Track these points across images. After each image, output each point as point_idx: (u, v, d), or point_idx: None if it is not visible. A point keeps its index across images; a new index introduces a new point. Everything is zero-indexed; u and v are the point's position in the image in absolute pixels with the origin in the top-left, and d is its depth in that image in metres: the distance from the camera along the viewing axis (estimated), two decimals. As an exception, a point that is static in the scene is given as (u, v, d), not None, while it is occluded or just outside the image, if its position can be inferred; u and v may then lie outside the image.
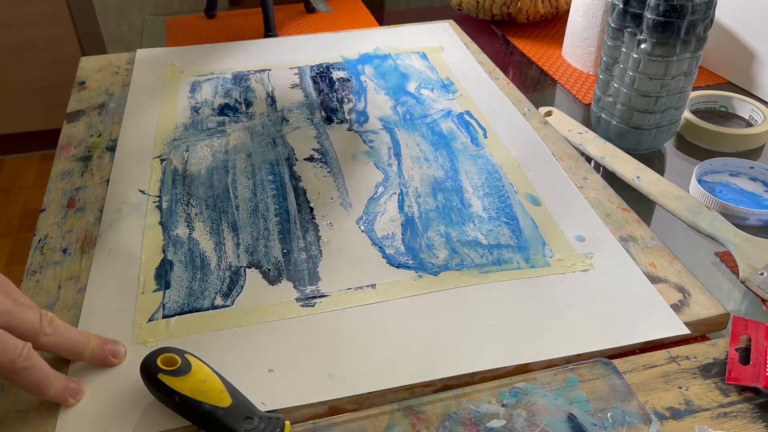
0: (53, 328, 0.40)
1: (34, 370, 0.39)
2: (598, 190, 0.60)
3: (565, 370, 0.43)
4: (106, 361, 0.43)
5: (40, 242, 0.55)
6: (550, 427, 0.39)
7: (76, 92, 0.77)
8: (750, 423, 0.40)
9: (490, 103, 0.73)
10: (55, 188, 0.61)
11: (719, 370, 0.43)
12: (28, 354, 0.38)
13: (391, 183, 0.61)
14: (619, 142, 0.69)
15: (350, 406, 0.42)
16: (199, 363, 0.40)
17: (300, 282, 0.50)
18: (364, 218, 0.57)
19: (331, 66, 0.82)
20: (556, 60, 0.90)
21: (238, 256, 0.53)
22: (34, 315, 0.40)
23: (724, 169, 0.65)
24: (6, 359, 0.37)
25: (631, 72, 0.64)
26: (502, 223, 0.56)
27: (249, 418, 0.38)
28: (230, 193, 0.60)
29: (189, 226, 0.56)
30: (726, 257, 0.55)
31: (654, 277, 0.50)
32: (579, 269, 0.51)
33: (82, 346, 0.42)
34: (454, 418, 0.40)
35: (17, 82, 2.01)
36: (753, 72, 0.79)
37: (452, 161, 0.64)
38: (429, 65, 0.82)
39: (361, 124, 0.70)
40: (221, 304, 0.48)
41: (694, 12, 0.59)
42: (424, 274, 0.51)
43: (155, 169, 0.63)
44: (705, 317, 0.47)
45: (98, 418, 0.40)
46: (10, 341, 0.38)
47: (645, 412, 0.40)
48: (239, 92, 0.76)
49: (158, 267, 0.52)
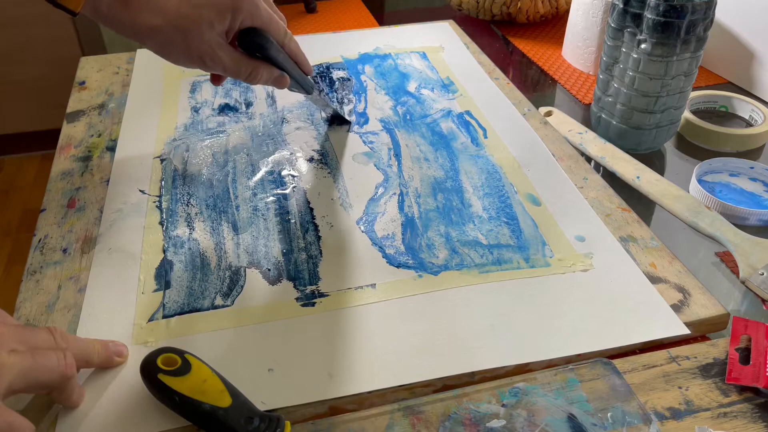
0: (66, 340, 0.40)
1: (76, 376, 0.40)
2: (598, 190, 0.60)
3: (565, 370, 0.43)
4: (112, 363, 0.43)
5: (40, 242, 0.55)
6: (550, 427, 0.39)
7: (76, 92, 0.77)
8: (750, 423, 0.40)
9: (490, 103, 0.73)
10: (55, 188, 0.61)
11: (719, 370, 0.43)
12: (69, 362, 0.39)
13: (391, 183, 0.61)
14: (619, 142, 0.69)
15: (350, 406, 0.42)
16: (199, 363, 0.40)
17: (300, 282, 0.50)
18: (364, 219, 0.57)
19: (331, 66, 0.82)
20: (556, 60, 0.90)
21: (238, 256, 0.53)
22: (46, 333, 0.40)
23: (724, 169, 0.65)
24: (56, 376, 0.38)
25: (631, 72, 0.64)
26: (502, 223, 0.56)
27: (249, 418, 0.38)
28: (230, 193, 0.60)
29: (189, 226, 0.56)
30: (726, 257, 0.55)
31: (654, 278, 0.50)
32: (579, 269, 0.51)
33: (90, 352, 0.42)
34: (454, 418, 0.40)
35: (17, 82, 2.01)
36: (753, 72, 0.79)
37: (452, 161, 0.64)
38: (429, 65, 0.82)
39: (361, 126, 0.70)
40: (221, 303, 0.48)
41: (694, 12, 0.59)
42: (424, 274, 0.51)
43: (155, 169, 0.63)
44: (705, 317, 0.47)
45: (98, 418, 0.40)
46: (52, 356, 0.38)
47: (645, 412, 0.40)
48: (239, 92, 0.76)
49: (158, 267, 0.52)
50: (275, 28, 0.54)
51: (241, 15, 0.52)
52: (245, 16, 0.52)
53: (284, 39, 0.55)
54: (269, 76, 0.56)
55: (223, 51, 0.53)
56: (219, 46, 0.52)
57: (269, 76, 0.56)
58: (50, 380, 0.38)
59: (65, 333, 0.41)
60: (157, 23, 0.50)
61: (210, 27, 0.51)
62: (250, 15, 0.52)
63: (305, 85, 0.61)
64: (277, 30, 0.54)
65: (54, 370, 0.38)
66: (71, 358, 0.39)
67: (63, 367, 0.38)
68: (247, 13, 0.52)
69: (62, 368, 0.38)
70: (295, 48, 0.57)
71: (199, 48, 0.52)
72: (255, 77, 0.55)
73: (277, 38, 0.55)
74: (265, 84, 0.58)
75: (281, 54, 0.55)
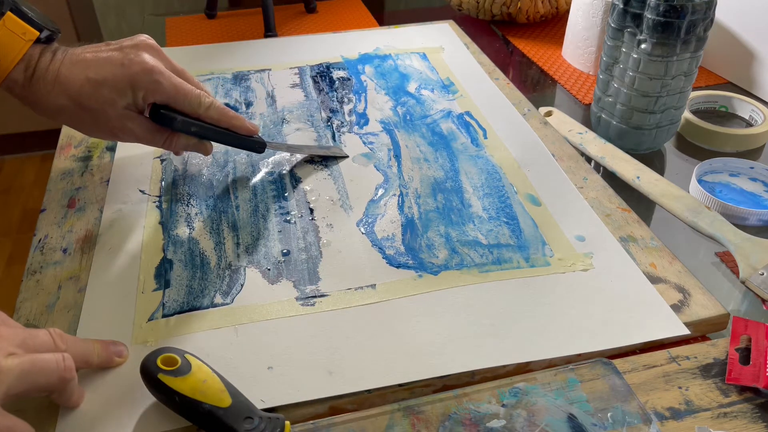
0: (65, 342, 0.40)
1: (75, 378, 0.40)
2: (598, 190, 0.60)
3: (565, 370, 0.43)
4: (112, 363, 0.43)
5: (40, 242, 0.55)
6: (550, 427, 0.39)
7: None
8: (750, 423, 0.40)
9: (490, 104, 0.73)
10: (55, 188, 0.61)
11: (719, 370, 0.43)
12: (68, 364, 0.38)
13: (391, 185, 0.61)
14: (619, 142, 0.69)
15: (350, 406, 0.42)
16: (199, 363, 0.40)
17: (300, 282, 0.50)
18: (364, 220, 0.57)
19: (331, 66, 0.82)
20: (556, 60, 0.90)
21: (237, 256, 0.53)
22: (45, 335, 0.39)
23: (724, 169, 0.65)
24: (55, 378, 0.38)
25: (631, 72, 0.64)
26: (502, 223, 0.56)
27: (249, 418, 0.38)
28: (230, 193, 0.60)
29: (189, 226, 0.56)
30: (726, 257, 0.55)
31: (654, 277, 0.50)
32: (579, 269, 0.51)
33: (90, 353, 0.42)
34: (454, 418, 0.40)
35: (17, 82, 2.01)
36: (753, 72, 0.79)
37: (452, 162, 0.64)
38: (429, 65, 0.82)
39: (361, 126, 0.70)
40: (221, 302, 0.48)
41: (694, 12, 0.59)
42: (424, 274, 0.51)
43: (155, 169, 0.63)
44: (705, 317, 0.47)
45: (98, 418, 0.40)
46: (50, 359, 0.38)
47: (645, 412, 0.40)
48: (239, 92, 0.76)
49: (158, 266, 0.52)
50: (183, 101, 0.53)
51: (141, 91, 0.52)
52: (146, 92, 0.52)
53: (199, 110, 0.54)
54: (187, 143, 0.57)
55: (134, 123, 0.54)
56: (129, 119, 0.54)
57: (187, 143, 0.57)
58: (49, 383, 0.38)
59: (64, 334, 0.41)
60: (63, 103, 0.52)
61: (112, 105, 0.52)
62: (151, 91, 0.52)
63: (248, 145, 0.59)
64: (186, 102, 0.54)
65: (53, 374, 0.37)
66: (70, 361, 0.39)
67: (62, 370, 0.38)
68: (146, 89, 0.52)
69: (61, 371, 0.38)
70: (216, 115, 0.55)
71: (108, 123, 0.53)
72: (170, 146, 0.57)
73: (188, 110, 0.54)
74: (186, 150, 0.59)
75: (194, 125, 0.55)
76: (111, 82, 0.51)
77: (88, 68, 0.52)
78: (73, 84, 0.51)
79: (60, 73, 0.51)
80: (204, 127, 0.56)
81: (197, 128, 0.55)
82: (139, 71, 0.52)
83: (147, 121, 0.55)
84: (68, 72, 0.51)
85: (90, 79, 0.51)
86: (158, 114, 0.54)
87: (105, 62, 0.52)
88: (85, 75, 0.51)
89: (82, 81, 0.51)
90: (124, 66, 0.52)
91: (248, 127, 0.58)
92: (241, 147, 0.59)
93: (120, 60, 0.52)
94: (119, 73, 0.51)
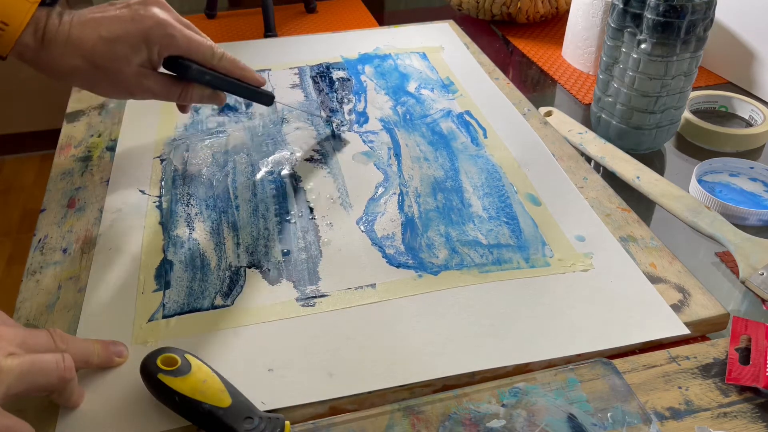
0: (65, 342, 0.40)
1: (75, 378, 0.40)
2: (598, 190, 0.60)
3: (565, 370, 0.43)
4: (112, 363, 0.43)
5: (40, 242, 0.55)
6: (550, 427, 0.39)
7: (76, 92, 0.77)
8: (750, 423, 0.40)
9: (490, 103, 0.73)
10: (55, 188, 0.61)
11: (719, 370, 0.43)
12: (68, 364, 0.38)
13: (391, 183, 0.61)
14: (619, 142, 0.69)
15: (350, 406, 0.42)
16: (199, 363, 0.40)
17: (300, 282, 0.50)
18: (364, 219, 0.57)
19: (331, 66, 0.82)
20: (556, 60, 0.90)
21: (238, 256, 0.53)
22: (45, 335, 0.39)
23: (724, 169, 0.65)
24: (55, 378, 0.38)
25: (631, 72, 0.64)
26: (502, 222, 0.56)
27: (249, 418, 0.38)
28: (230, 193, 0.60)
29: (189, 226, 0.56)
30: (726, 257, 0.55)
31: (654, 277, 0.50)
32: (579, 269, 0.51)
33: (90, 353, 0.42)
34: (454, 418, 0.40)
35: (17, 82, 2.01)
36: (753, 72, 0.79)
37: (452, 161, 0.64)
38: (429, 65, 0.82)
39: (361, 125, 0.70)
40: (221, 303, 0.48)
41: (694, 12, 0.59)
42: (424, 274, 0.51)
43: (155, 169, 0.63)
44: (705, 317, 0.47)
45: (98, 418, 0.40)
46: (50, 359, 0.38)
47: (645, 412, 0.40)
48: (239, 92, 0.76)
49: (158, 267, 0.52)
50: (197, 52, 0.55)
51: (156, 46, 0.53)
52: (160, 46, 0.53)
53: (212, 60, 0.56)
54: (201, 95, 0.58)
55: (149, 79, 0.54)
56: (144, 76, 0.54)
57: (201, 94, 0.58)
58: (49, 383, 0.38)
59: (64, 334, 0.41)
60: (77, 64, 0.52)
61: (127, 62, 0.52)
62: (165, 45, 0.53)
63: (257, 97, 0.62)
64: (200, 54, 0.55)
65: (52, 374, 0.37)
66: (70, 361, 0.39)
67: (61, 370, 0.38)
68: (161, 43, 0.53)
69: (61, 371, 0.38)
70: (229, 65, 0.57)
71: (123, 82, 0.54)
72: (185, 98, 0.58)
73: (202, 61, 0.55)
74: (201, 103, 0.60)
75: (208, 75, 0.56)
76: (124, 38, 0.52)
77: (99, 27, 0.51)
78: (86, 43, 0.51)
79: (71, 33, 0.51)
80: (217, 76, 0.57)
81: (211, 77, 0.57)
82: (152, 25, 0.52)
83: (161, 76, 0.55)
84: (80, 32, 0.51)
85: (103, 38, 0.51)
86: (171, 67, 0.55)
87: (116, 20, 0.52)
88: (97, 34, 0.51)
89: (95, 40, 0.51)
90: (136, 21, 0.52)
91: (257, 78, 0.60)
92: (251, 98, 0.62)
93: (131, 16, 0.52)
94: (132, 29, 0.52)
